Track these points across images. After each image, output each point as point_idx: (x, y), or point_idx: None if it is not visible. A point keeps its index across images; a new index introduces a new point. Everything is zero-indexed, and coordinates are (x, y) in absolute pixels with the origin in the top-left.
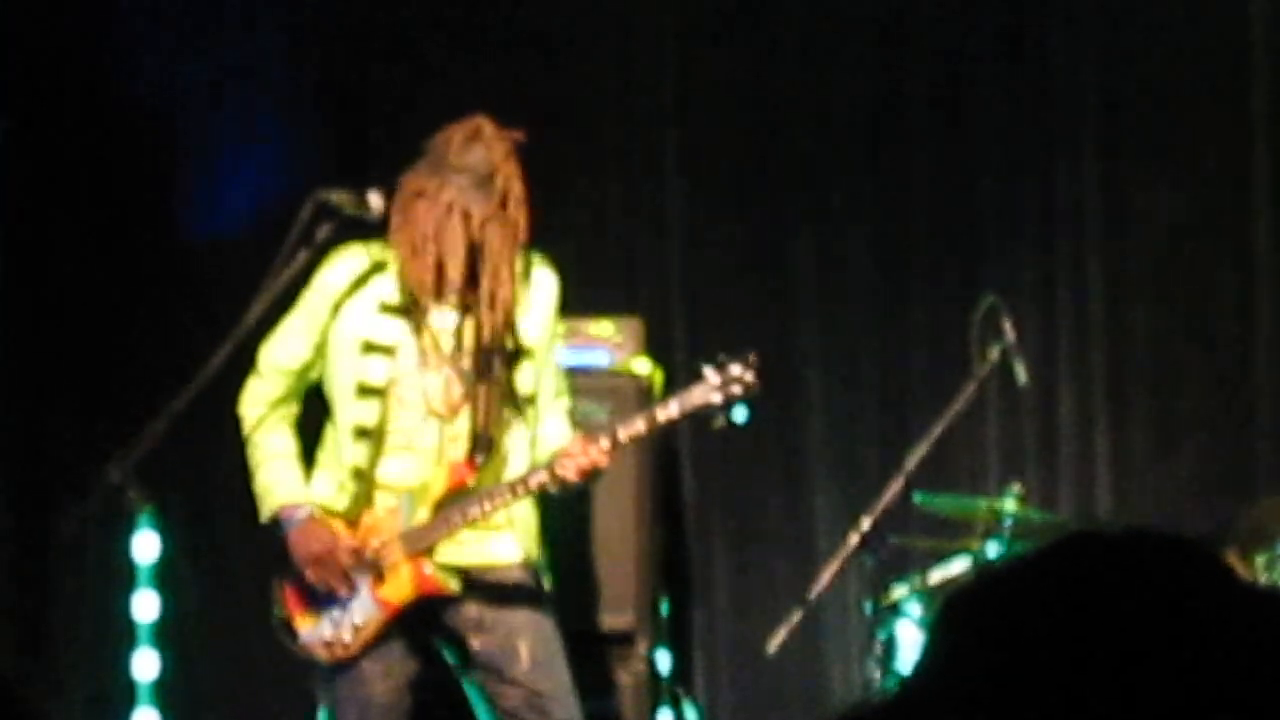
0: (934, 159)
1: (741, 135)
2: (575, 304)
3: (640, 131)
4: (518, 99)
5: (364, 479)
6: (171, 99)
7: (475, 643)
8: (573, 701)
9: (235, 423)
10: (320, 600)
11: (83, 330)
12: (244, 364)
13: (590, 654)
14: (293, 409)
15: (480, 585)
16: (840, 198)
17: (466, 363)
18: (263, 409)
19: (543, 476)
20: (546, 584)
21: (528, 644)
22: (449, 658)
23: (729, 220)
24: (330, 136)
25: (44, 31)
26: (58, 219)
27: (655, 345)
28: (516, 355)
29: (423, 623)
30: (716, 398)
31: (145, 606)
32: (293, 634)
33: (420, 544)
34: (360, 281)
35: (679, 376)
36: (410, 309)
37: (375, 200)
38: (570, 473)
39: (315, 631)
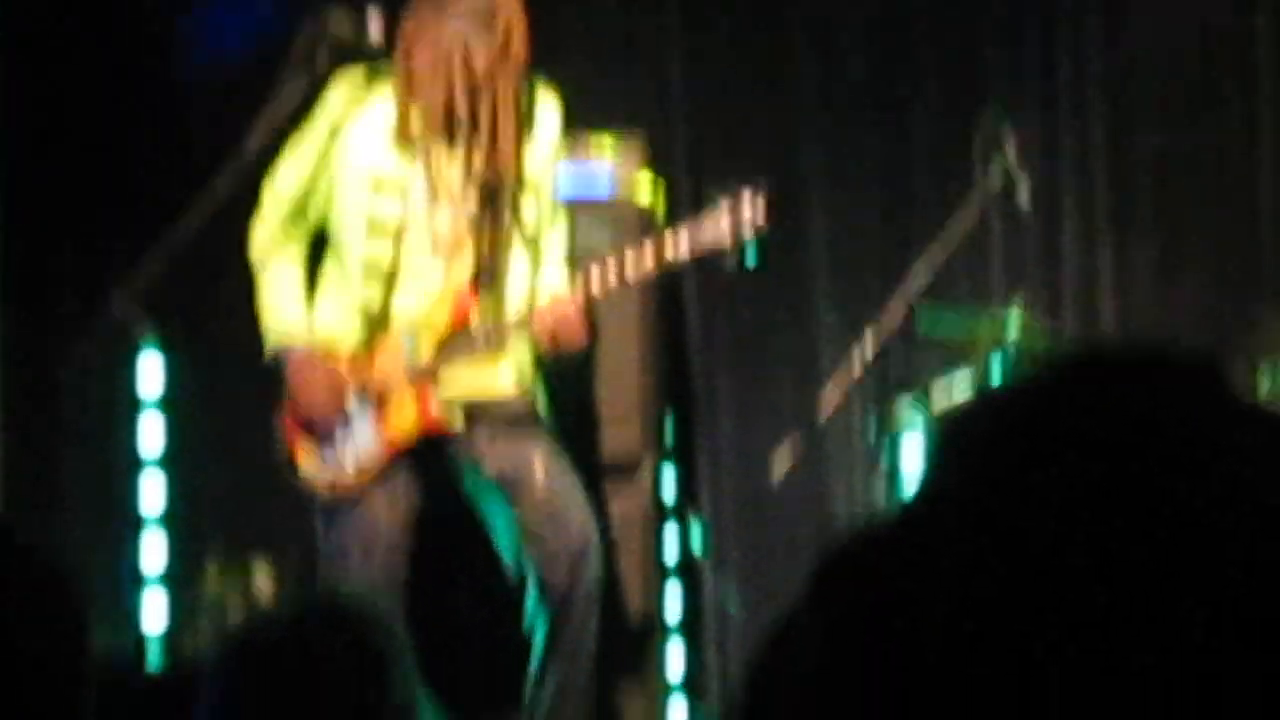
0: None
1: None
2: (576, 119)
3: None
4: None
5: (376, 319)
6: None
7: (490, 467)
8: (589, 519)
9: (239, 253)
10: (321, 436)
11: (83, 164)
12: (246, 195)
13: (595, 476)
14: (301, 242)
15: (483, 414)
16: (840, 17)
17: (471, 199)
18: (268, 243)
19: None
20: (542, 410)
21: (540, 467)
22: (465, 486)
23: (729, 36)
24: None
25: None
26: (56, 50)
27: (657, 160)
28: (520, 187)
29: (428, 458)
30: (727, 239)
31: (151, 440)
32: (294, 470)
33: (424, 377)
34: (362, 110)
35: (681, 192)
36: (417, 145)
37: (375, 25)
38: (543, 337)
39: (317, 466)
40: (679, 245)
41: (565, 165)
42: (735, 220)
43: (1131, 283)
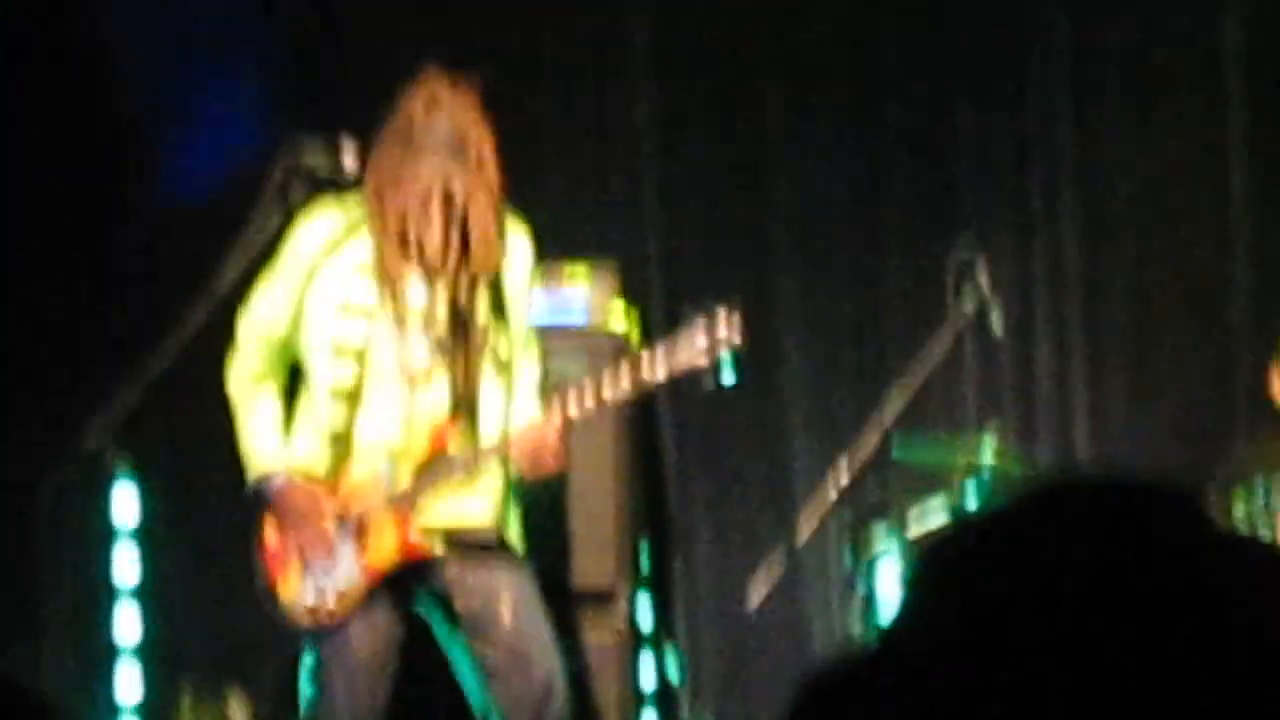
0: (909, 107)
1: (716, 77)
2: (548, 248)
3: (615, 74)
4: (489, 43)
5: (341, 441)
6: (140, 60)
7: (458, 603)
8: (554, 657)
9: (214, 383)
10: (302, 565)
11: (58, 296)
12: (220, 326)
13: (570, 608)
14: (279, 376)
15: (457, 545)
16: (815, 144)
17: (442, 328)
18: (246, 379)
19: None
20: (515, 540)
21: (509, 602)
22: (432, 618)
23: (703, 164)
24: (304, 83)
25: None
26: (29, 186)
27: (631, 288)
28: (493, 319)
29: (405, 584)
30: (703, 358)
31: (126, 571)
32: (274, 600)
33: (403, 505)
34: (336, 244)
35: (655, 321)
36: (390, 274)
37: (349, 159)
38: (524, 464)
39: (298, 598)
40: (655, 365)
41: (539, 293)
42: (711, 338)
43: (1105, 408)
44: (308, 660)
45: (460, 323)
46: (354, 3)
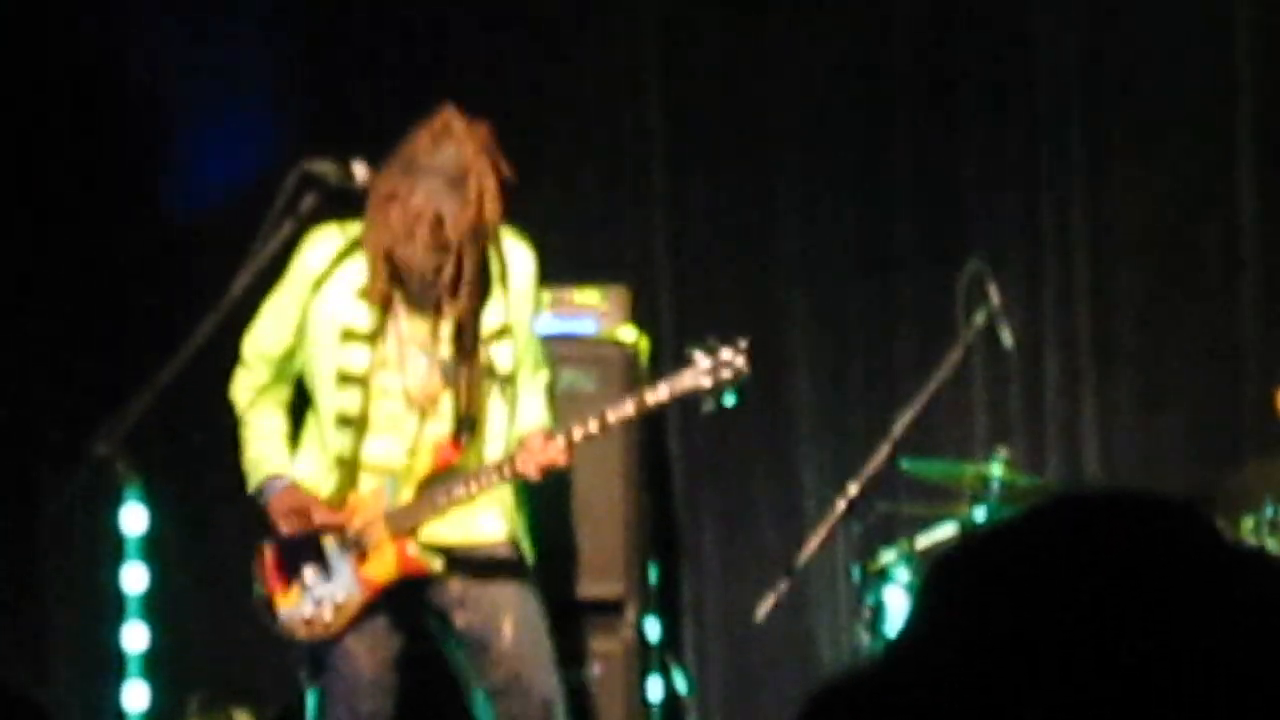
0: (918, 124)
1: (726, 103)
2: (561, 272)
3: (626, 101)
4: (502, 70)
5: (348, 465)
6: (154, 73)
7: (459, 620)
8: (554, 678)
9: (222, 397)
10: (301, 578)
11: (69, 305)
12: (230, 336)
13: (579, 622)
14: (283, 392)
15: (463, 562)
16: (825, 163)
17: (445, 350)
18: (252, 395)
19: (507, 470)
20: (529, 559)
21: (511, 621)
22: (435, 631)
23: (714, 187)
24: (314, 110)
25: (22, 11)
26: (41, 195)
27: (642, 313)
28: (495, 335)
29: (407, 600)
30: (706, 382)
31: (134, 579)
32: (273, 612)
33: (404, 524)
34: (337, 263)
35: (665, 345)
36: (389, 299)
37: (360, 170)
38: (530, 470)
39: (296, 610)
40: (658, 394)
41: (550, 316)
42: (716, 372)
43: (1114, 425)
44: (309, 676)
45: (460, 345)
46: (370, 27)
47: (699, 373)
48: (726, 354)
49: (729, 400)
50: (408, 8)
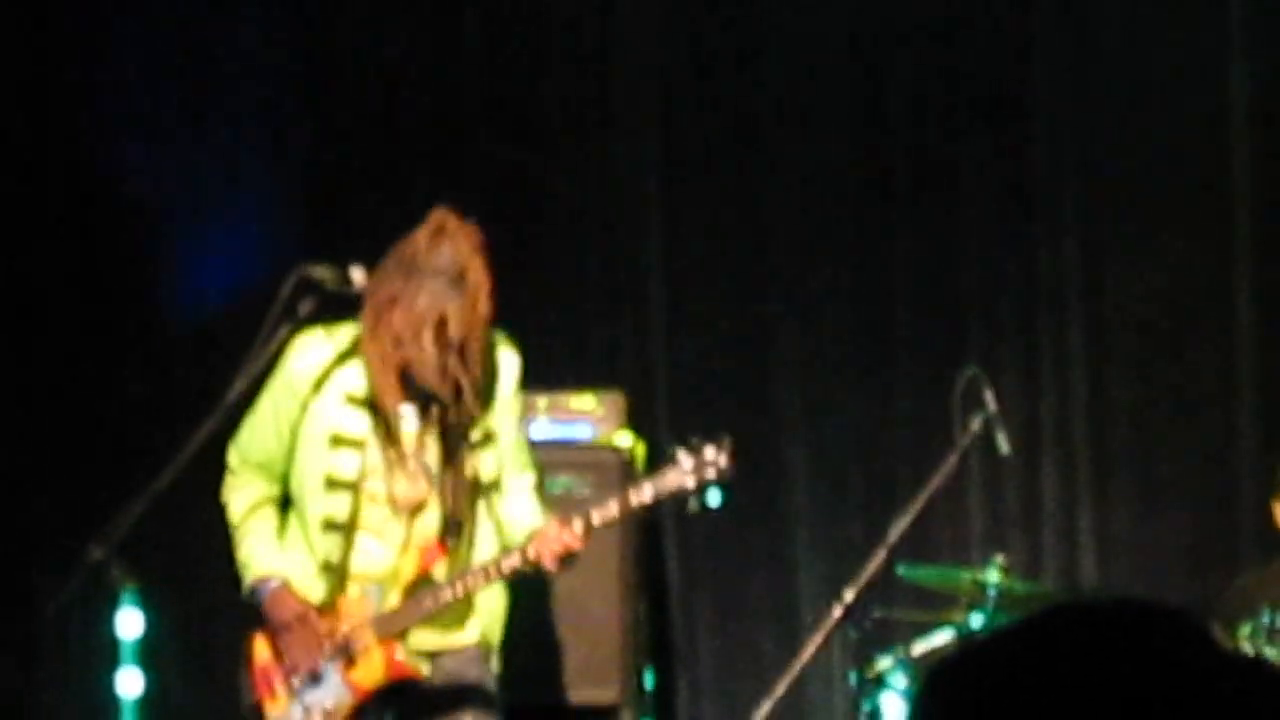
0: (915, 232)
1: (724, 209)
2: (557, 377)
3: (623, 206)
4: (498, 176)
5: (335, 571)
6: (152, 184)
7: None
8: None
9: (218, 501)
10: (289, 684)
11: (66, 411)
12: (226, 441)
13: None
14: (274, 492)
15: (436, 666)
16: (822, 271)
17: (432, 455)
18: (243, 502)
19: (516, 560)
20: (495, 667)
21: None
22: None
23: (711, 294)
24: (311, 221)
25: (23, 117)
26: (39, 301)
27: (637, 418)
28: (480, 443)
29: (387, 704)
30: (690, 482)
31: (129, 683)
32: (261, 718)
33: (391, 629)
34: (325, 375)
35: (662, 450)
36: (377, 406)
37: (358, 275)
38: (547, 558)
39: (284, 717)
40: (642, 494)
41: (547, 422)
42: (699, 470)
43: (1111, 531)
44: None
45: (449, 449)
46: (368, 135)
47: (682, 472)
48: (710, 452)
49: (713, 500)
50: (405, 121)
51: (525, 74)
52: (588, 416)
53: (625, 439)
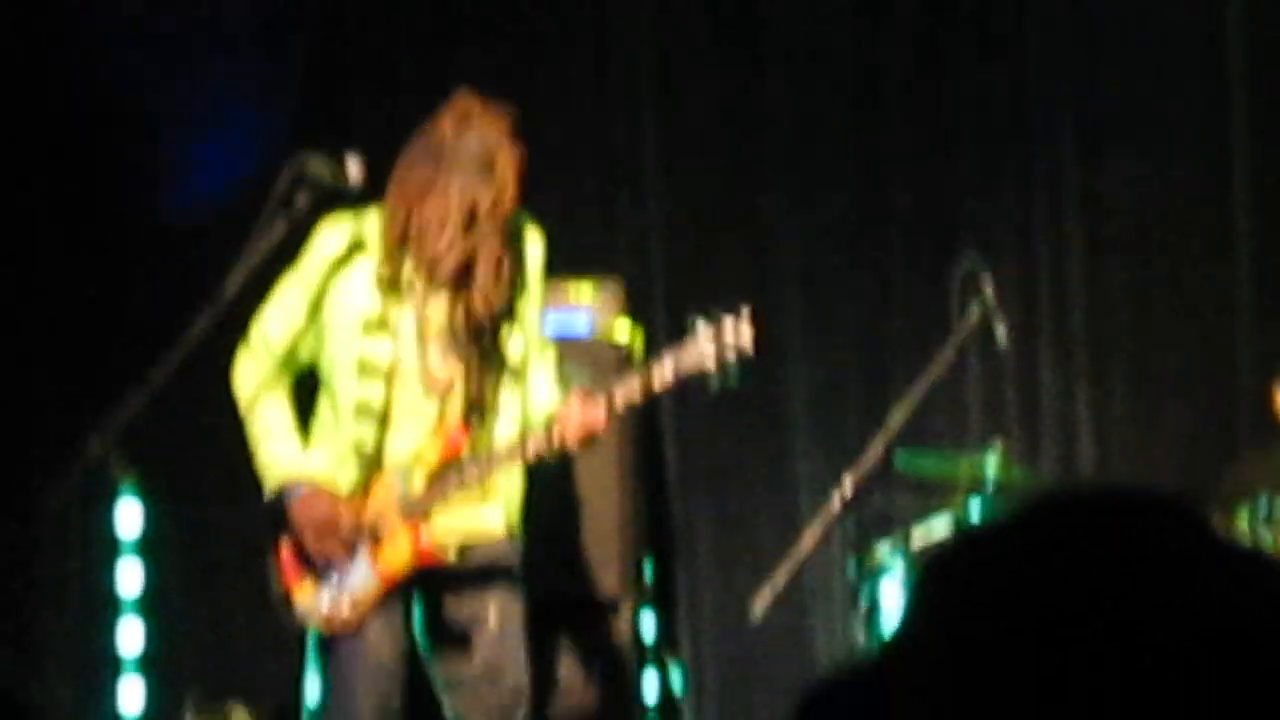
0: (911, 123)
1: (719, 98)
2: (554, 266)
3: (618, 95)
4: (495, 68)
5: (370, 458)
6: (145, 82)
7: (449, 604)
8: (524, 674)
9: (217, 395)
10: (317, 571)
11: (63, 305)
12: (225, 335)
13: (576, 618)
14: (286, 382)
15: (465, 556)
16: (819, 160)
17: (461, 337)
18: (256, 383)
19: (541, 442)
20: (522, 556)
21: (495, 614)
22: (416, 623)
23: (707, 182)
24: (306, 110)
25: (9, 17)
26: (34, 198)
27: (635, 306)
28: (507, 323)
29: (407, 583)
30: (710, 363)
31: (129, 579)
32: (290, 607)
33: (417, 511)
34: (352, 256)
35: (659, 339)
36: (407, 287)
37: (354, 168)
38: (570, 439)
39: (314, 603)
40: (664, 371)
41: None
42: (719, 344)
43: (1109, 421)
44: (314, 664)
45: (475, 332)
46: (363, 26)
47: (703, 353)
48: (729, 325)
49: (735, 380)
50: (400, 11)
51: None
52: (585, 305)
53: (624, 328)
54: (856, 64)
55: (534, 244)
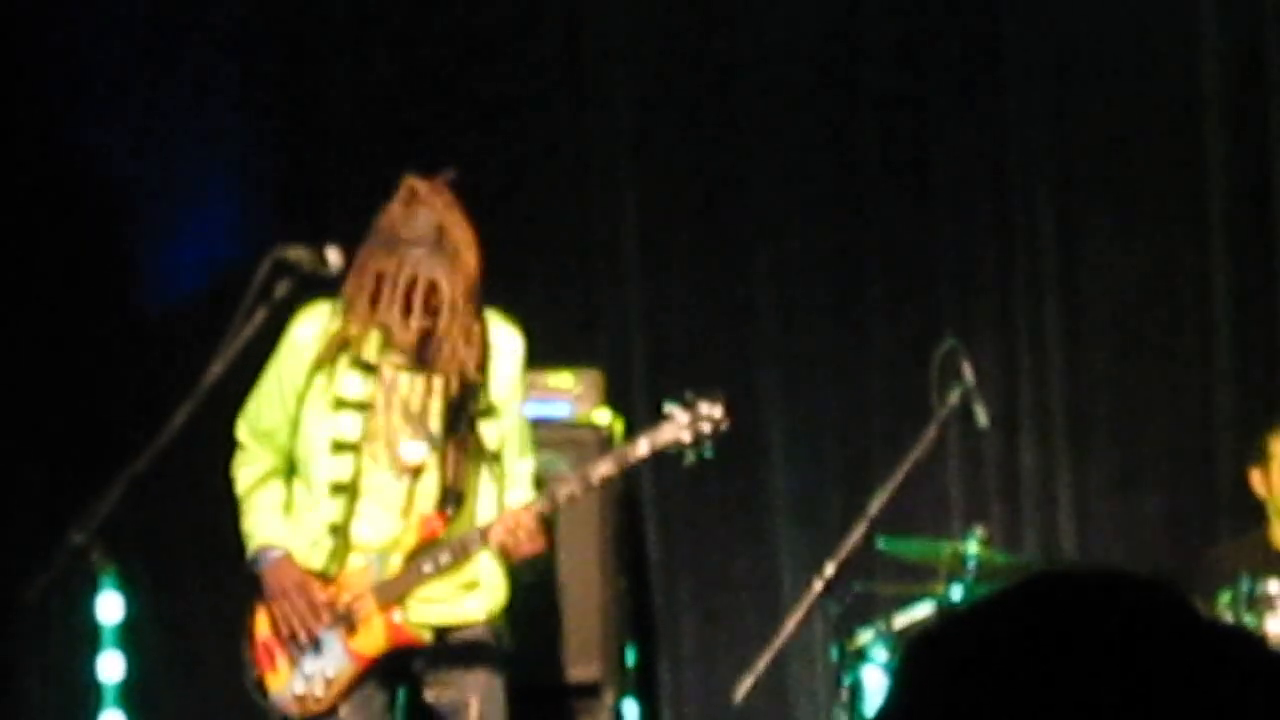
0: (891, 205)
1: (699, 183)
2: (534, 355)
3: (598, 182)
4: (476, 154)
5: (340, 534)
6: (124, 167)
7: (429, 694)
8: None
9: (198, 484)
10: (290, 654)
11: (44, 397)
12: (204, 424)
13: (557, 706)
14: (280, 465)
15: (445, 641)
16: (798, 245)
17: (434, 422)
18: (251, 473)
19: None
20: (506, 643)
21: (478, 702)
22: (402, 699)
23: (688, 270)
24: (285, 201)
25: None
26: (14, 288)
27: (615, 395)
28: (482, 413)
29: (388, 668)
30: (686, 436)
31: (110, 668)
32: (264, 692)
33: (392, 595)
34: (329, 342)
35: (640, 427)
36: (377, 368)
37: (334, 256)
38: (499, 538)
39: (287, 687)
40: (638, 449)
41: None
42: (694, 424)
43: (1090, 502)
44: None
45: (450, 416)
46: (340, 116)
47: (678, 426)
48: (704, 406)
49: (709, 451)
50: (382, 100)
51: (495, 46)
52: (566, 394)
53: (604, 416)
54: (832, 151)
55: (510, 339)
